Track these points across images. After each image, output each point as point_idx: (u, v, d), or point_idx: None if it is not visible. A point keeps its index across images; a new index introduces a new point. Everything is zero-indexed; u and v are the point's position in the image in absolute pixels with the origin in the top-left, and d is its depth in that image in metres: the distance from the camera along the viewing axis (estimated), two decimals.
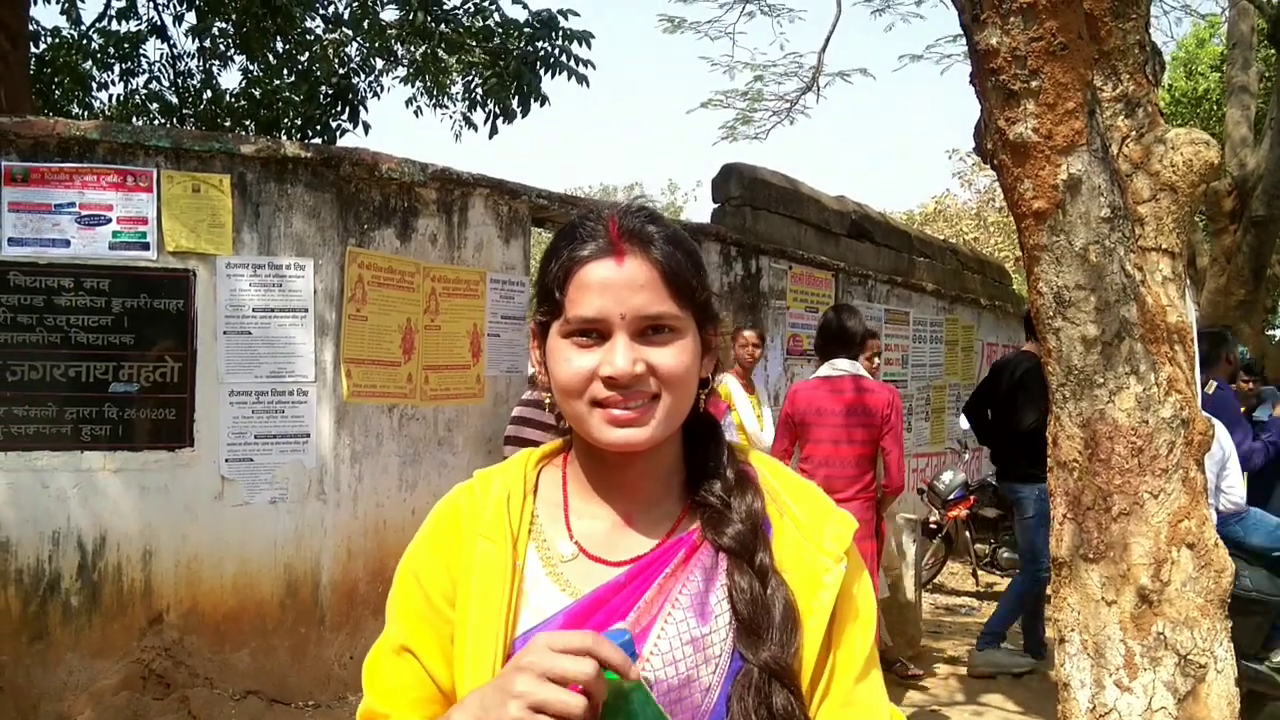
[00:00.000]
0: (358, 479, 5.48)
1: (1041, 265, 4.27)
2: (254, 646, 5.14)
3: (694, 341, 1.28)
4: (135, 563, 4.93)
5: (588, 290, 1.23)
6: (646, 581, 1.25)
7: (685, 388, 1.27)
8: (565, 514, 1.33)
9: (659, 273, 1.24)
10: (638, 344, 1.23)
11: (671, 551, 1.28)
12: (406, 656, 1.29)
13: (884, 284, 10.43)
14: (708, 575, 1.26)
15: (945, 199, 27.77)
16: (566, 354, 1.25)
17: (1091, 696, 4.26)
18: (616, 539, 1.30)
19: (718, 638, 1.23)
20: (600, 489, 1.33)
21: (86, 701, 4.74)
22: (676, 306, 1.25)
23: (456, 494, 1.36)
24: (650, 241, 1.25)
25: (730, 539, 1.26)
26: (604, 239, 1.25)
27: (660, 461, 1.32)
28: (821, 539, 1.29)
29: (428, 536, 1.34)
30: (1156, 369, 4.18)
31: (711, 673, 1.22)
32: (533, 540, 1.30)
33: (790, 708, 1.19)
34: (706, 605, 1.25)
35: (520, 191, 6.35)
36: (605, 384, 1.22)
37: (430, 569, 1.30)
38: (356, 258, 5.44)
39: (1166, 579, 4.14)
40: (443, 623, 1.27)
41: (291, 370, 5.26)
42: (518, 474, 1.35)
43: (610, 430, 1.23)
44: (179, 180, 5.03)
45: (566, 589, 1.26)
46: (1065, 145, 4.11)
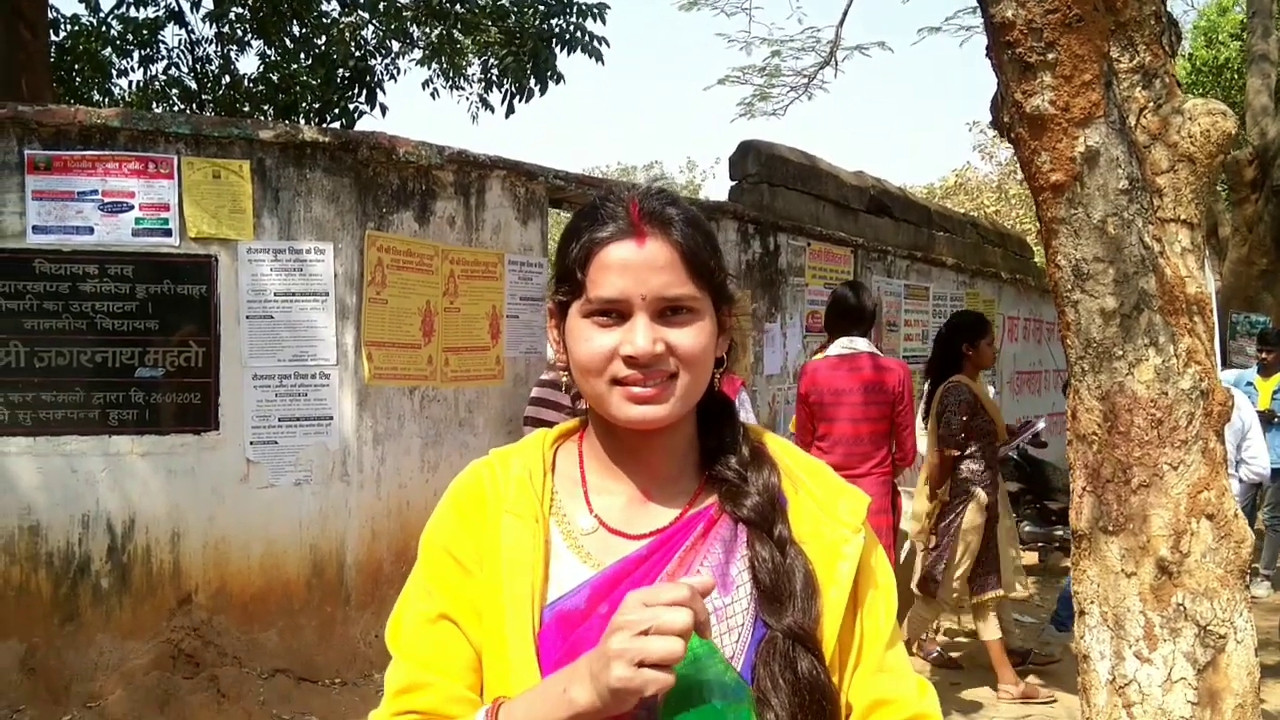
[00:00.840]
0: (380, 460, 5.54)
1: (1059, 238, 4.27)
2: (281, 626, 5.21)
3: (711, 322, 1.32)
4: (164, 544, 5.01)
5: (609, 271, 1.26)
6: (668, 554, 1.30)
7: (702, 367, 1.30)
8: (584, 489, 1.37)
9: (679, 254, 1.28)
10: (657, 324, 1.27)
11: (691, 525, 1.32)
12: (444, 624, 1.31)
13: (903, 259, 10.40)
14: (727, 547, 1.30)
15: (966, 172, 27.61)
16: (587, 333, 1.28)
17: (1111, 668, 4.27)
18: (635, 513, 1.34)
19: (739, 608, 1.28)
20: (618, 465, 1.36)
21: (118, 681, 4.82)
22: (695, 288, 1.29)
23: (477, 469, 1.39)
24: (670, 223, 1.29)
25: (749, 510, 1.30)
26: (625, 220, 1.28)
27: (676, 438, 1.36)
28: (837, 512, 1.33)
29: (452, 510, 1.37)
30: (1175, 340, 4.17)
31: (734, 642, 1.26)
32: (553, 516, 1.34)
33: (815, 670, 1.24)
34: (728, 576, 1.29)
35: (537, 173, 6.37)
36: (626, 363, 1.26)
37: (458, 538, 1.34)
38: (375, 241, 5.48)
39: (1186, 550, 4.14)
40: (475, 586, 1.30)
41: (313, 353, 5.31)
42: (536, 452, 1.39)
43: (630, 407, 1.27)
44: (199, 166, 5.07)
45: (589, 560, 1.30)
46: (1082, 117, 4.10)
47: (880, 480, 4.89)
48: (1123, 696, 4.25)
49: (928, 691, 1.35)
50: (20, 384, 4.80)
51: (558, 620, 1.26)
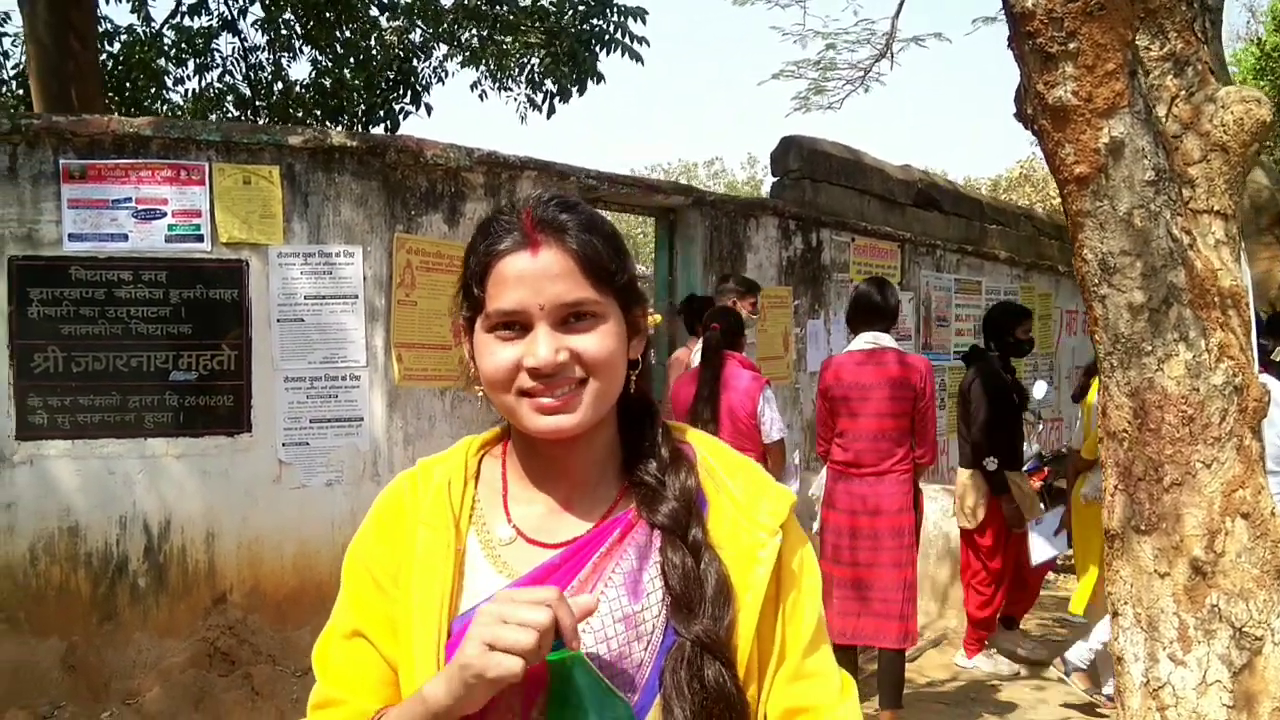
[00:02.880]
0: (411, 461, 5.47)
1: (1085, 231, 4.16)
2: (314, 625, 5.23)
3: (618, 325, 1.30)
4: (199, 545, 5.10)
5: (505, 284, 1.26)
6: (581, 561, 1.28)
7: (611, 371, 1.29)
8: (504, 499, 1.36)
9: (575, 261, 1.27)
10: (559, 332, 1.26)
11: (607, 532, 1.31)
12: (358, 640, 1.33)
13: (953, 253, 10.24)
14: (641, 553, 1.29)
15: (1030, 163, 27.09)
16: (491, 348, 1.28)
17: (1145, 670, 4.16)
18: (554, 522, 1.33)
19: (650, 614, 1.26)
20: (537, 475, 1.36)
21: (155, 679, 4.92)
22: (596, 292, 1.27)
23: (399, 482, 1.41)
24: (564, 230, 1.28)
25: (664, 516, 1.29)
26: (519, 231, 1.27)
27: (595, 445, 1.35)
28: (757, 514, 1.31)
29: (372, 526, 1.39)
30: (1207, 335, 4.05)
31: (644, 649, 1.25)
32: (473, 525, 1.34)
33: (722, 679, 1.22)
34: (639, 583, 1.27)
35: (569, 172, 6.37)
36: (530, 374, 1.25)
37: (376, 554, 1.35)
38: (404, 244, 5.52)
39: (1220, 550, 4.02)
40: (389, 603, 1.31)
41: (344, 356, 5.37)
42: (459, 461, 1.39)
43: (539, 419, 1.26)
44: (230, 173, 5.15)
45: (504, 571, 1.30)
46: (1106, 108, 3.99)
47: (901, 478, 4.81)
48: (1157, 699, 4.14)
49: (849, 698, 1.32)
50: (58, 388, 4.91)
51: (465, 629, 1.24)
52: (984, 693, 5.76)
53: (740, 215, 7.77)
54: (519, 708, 1.20)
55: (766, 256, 7.99)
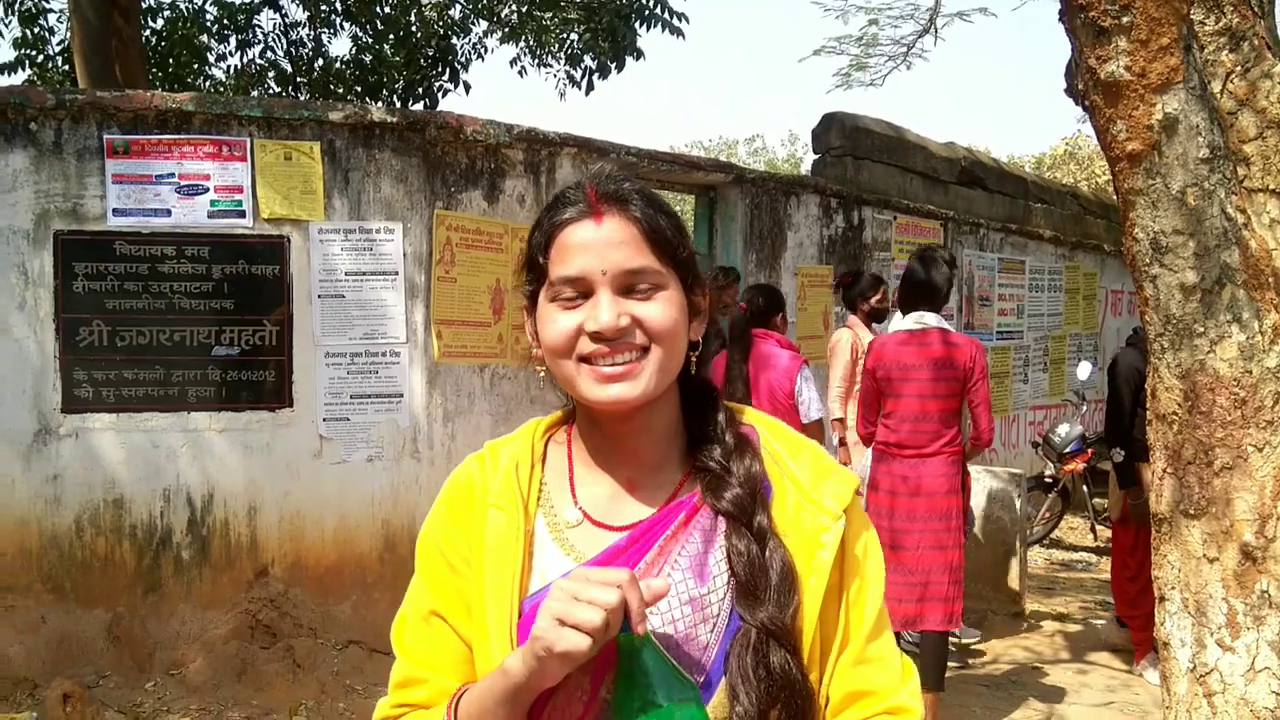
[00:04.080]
0: (451, 438, 5.59)
1: (1137, 210, 4.08)
2: (355, 599, 5.32)
3: (679, 296, 1.31)
4: (241, 518, 5.14)
5: (568, 251, 1.28)
6: (647, 544, 1.29)
7: (673, 341, 1.29)
8: (570, 482, 1.37)
9: (638, 229, 1.28)
10: (621, 299, 1.27)
11: (672, 515, 1.32)
12: (436, 621, 1.35)
13: (997, 232, 10.11)
14: (706, 537, 1.30)
15: (1076, 140, 26.68)
16: (553, 315, 1.29)
17: (1192, 656, 4.10)
18: (619, 504, 1.34)
19: (715, 597, 1.27)
20: (602, 457, 1.37)
21: (199, 650, 4.98)
22: (657, 261, 1.29)
23: (468, 465, 1.42)
24: (628, 201, 1.30)
25: (728, 502, 1.29)
26: (583, 203, 1.29)
27: (658, 425, 1.35)
28: (821, 497, 1.31)
29: (443, 509, 1.40)
30: (1261, 316, 3.97)
31: (710, 632, 1.26)
32: (541, 508, 1.35)
33: (788, 666, 1.23)
34: (705, 566, 1.28)
35: (608, 149, 6.33)
36: (592, 338, 1.26)
37: (448, 536, 1.36)
38: (444, 220, 5.52)
39: (1272, 535, 3.95)
40: (465, 583, 1.33)
41: (384, 332, 5.38)
42: (525, 444, 1.40)
43: (601, 387, 1.27)
44: (271, 149, 5.16)
45: (571, 553, 1.31)
46: (1160, 83, 3.90)
47: (949, 460, 4.74)
48: (1204, 685, 4.08)
49: (910, 681, 1.33)
50: (103, 362, 4.97)
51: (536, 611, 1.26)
52: (1025, 676, 5.71)
53: (781, 193, 7.70)
54: (588, 685, 1.22)
55: (807, 235, 7.92)
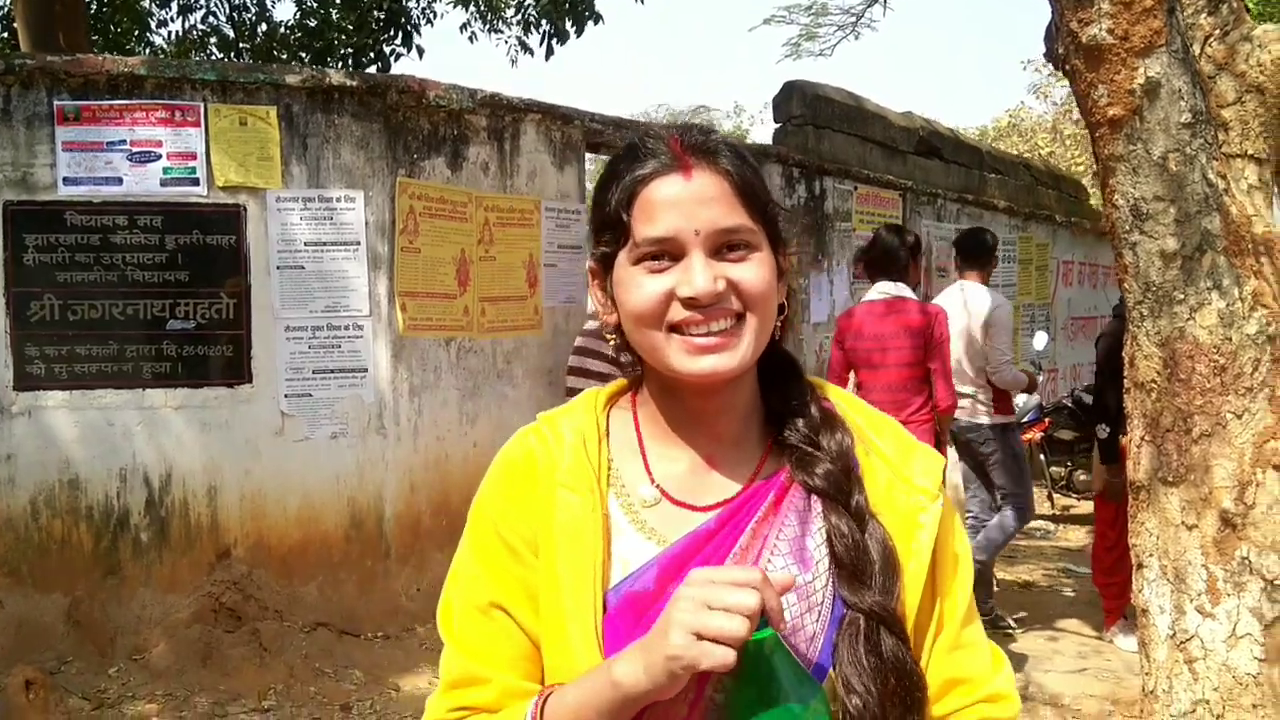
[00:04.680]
0: (417, 413, 5.47)
1: (1117, 176, 4.06)
2: (321, 579, 5.19)
3: (770, 256, 1.20)
4: (201, 498, 4.99)
5: (655, 208, 1.16)
6: (739, 527, 1.19)
7: (768, 306, 1.19)
8: (643, 456, 1.26)
9: (730, 184, 1.17)
10: (714, 261, 1.16)
11: (760, 494, 1.21)
12: (497, 614, 1.22)
13: (954, 202, 10.12)
14: (802, 519, 1.20)
15: (1020, 112, 26.92)
16: (638, 280, 1.17)
17: (1172, 622, 4.12)
18: (699, 482, 1.23)
19: (819, 584, 1.18)
20: (678, 429, 1.25)
21: (161, 635, 4.83)
22: (750, 219, 1.18)
23: (525, 438, 1.28)
24: (717, 153, 1.18)
25: (821, 479, 1.20)
26: (667, 155, 1.17)
27: (740, 396, 1.25)
28: (911, 475, 1.23)
29: (500, 484, 1.27)
30: (1241, 283, 3.96)
31: (815, 621, 1.17)
32: (612, 487, 1.23)
33: (900, 653, 1.15)
34: (805, 550, 1.19)
35: (573, 116, 6.21)
36: (685, 305, 1.15)
37: (508, 518, 1.23)
38: (407, 188, 5.37)
39: (1251, 502, 3.96)
40: (528, 571, 1.21)
41: (346, 304, 5.23)
42: (589, 416, 1.27)
43: (694, 360, 1.16)
44: (226, 114, 4.98)
45: (652, 537, 1.20)
46: (1142, 46, 3.87)
47: (922, 428, 4.75)
48: (1184, 652, 4.10)
49: (1002, 668, 1.27)
50: (55, 337, 4.78)
51: (626, 604, 1.16)
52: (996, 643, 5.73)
53: None
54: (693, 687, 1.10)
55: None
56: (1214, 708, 3.98)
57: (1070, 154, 24.14)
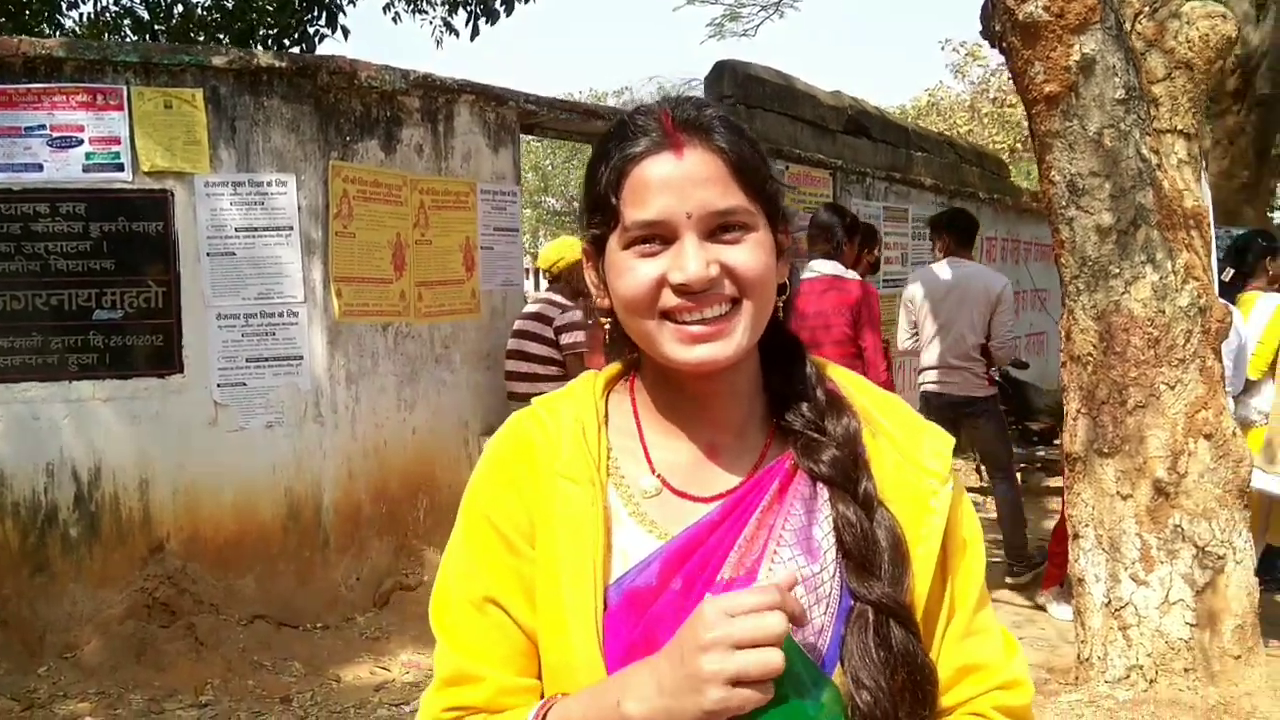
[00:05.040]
0: (355, 400, 5.37)
1: (1054, 152, 4.11)
2: (258, 571, 5.09)
3: (768, 237, 1.15)
4: (132, 492, 4.85)
5: (646, 190, 1.11)
6: (743, 517, 1.15)
7: (766, 291, 1.15)
8: (642, 444, 1.21)
9: (724, 162, 1.11)
10: (708, 244, 1.11)
11: (764, 483, 1.17)
12: (491, 609, 1.17)
13: (882, 181, 10.21)
14: (808, 507, 1.16)
15: (938, 91, 27.26)
16: (629, 264, 1.12)
17: (1107, 591, 4.22)
18: (701, 471, 1.19)
19: (827, 575, 1.13)
20: (677, 416, 1.21)
21: (93, 632, 4.70)
22: (746, 199, 1.12)
23: (522, 424, 1.23)
24: (710, 129, 1.12)
25: (828, 466, 1.15)
26: (658, 132, 1.12)
27: (741, 382, 1.21)
28: (920, 457, 1.19)
29: (495, 472, 1.21)
30: (1174, 256, 4.05)
31: (823, 613, 1.12)
32: (611, 477, 1.19)
33: (910, 646, 1.11)
34: (812, 540, 1.14)
35: (508, 97, 6.13)
36: (676, 291, 1.10)
37: (504, 508, 1.18)
38: (340, 172, 5.25)
39: (1184, 471, 4.07)
40: (525, 563, 1.16)
41: (280, 291, 5.11)
42: (587, 402, 1.22)
43: (687, 349, 1.11)
44: (150, 97, 4.82)
45: (654, 530, 1.15)
46: (1078, 23, 3.92)
47: None
48: (1119, 619, 4.20)
49: (1016, 653, 1.23)
50: None
51: (627, 600, 1.12)
52: None
53: None
54: None
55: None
56: (1147, 673, 4.09)
57: (988, 132, 24.50)
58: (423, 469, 5.67)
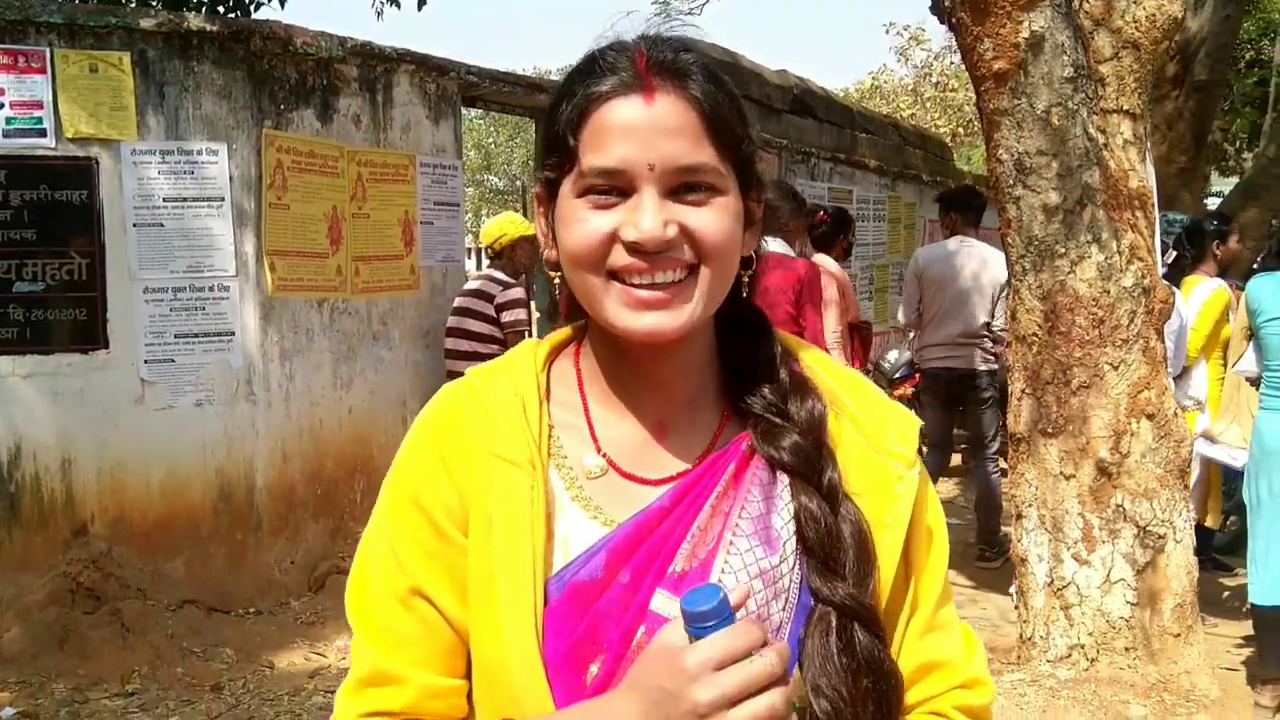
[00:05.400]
0: (289, 378, 5.22)
1: (1002, 130, 4.08)
2: (188, 555, 4.93)
3: (736, 202, 1.04)
4: (54, 472, 4.66)
5: (607, 134, 1.00)
6: (696, 503, 1.05)
7: (727, 260, 1.04)
8: (588, 420, 1.10)
9: (697, 113, 1.01)
10: (669, 202, 1.00)
11: (718, 466, 1.07)
12: (418, 602, 1.06)
13: (827, 161, 10.19)
14: (766, 493, 1.06)
15: (882, 75, 27.38)
16: (580, 214, 1.01)
17: (1049, 570, 4.22)
18: (651, 452, 1.09)
19: (786, 567, 1.04)
20: (624, 391, 1.10)
21: (13, 619, 4.52)
22: (718, 157, 1.01)
23: (455, 396, 1.12)
24: (686, 75, 1.02)
25: (790, 454, 1.05)
26: (629, 72, 1.01)
27: (695, 355, 1.10)
28: (886, 440, 1.10)
29: (424, 449, 1.10)
30: (1119, 236, 4.04)
31: (782, 609, 1.03)
32: (551, 457, 1.08)
33: (876, 650, 1.03)
34: (770, 529, 1.04)
35: (449, 67, 5.98)
36: (628, 249, 0.99)
37: (433, 490, 1.07)
38: (274, 141, 5.09)
39: (1126, 451, 4.08)
40: (456, 552, 1.05)
41: (210, 264, 4.94)
42: (528, 374, 1.10)
43: (633, 315, 1.01)
44: (75, 60, 4.62)
45: (598, 516, 1.05)
46: (1027, 0, 3.89)
47: None
48: (1060, 599, 4.21)
49: (976, 650, 1.16)
50: None
51: (571, 594, 1.02)
52: None
53: None
54: None
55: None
56: (1089, 652, 4.11)
57: (930, 116, 24.66)
58: (359, 449, 5.54)
